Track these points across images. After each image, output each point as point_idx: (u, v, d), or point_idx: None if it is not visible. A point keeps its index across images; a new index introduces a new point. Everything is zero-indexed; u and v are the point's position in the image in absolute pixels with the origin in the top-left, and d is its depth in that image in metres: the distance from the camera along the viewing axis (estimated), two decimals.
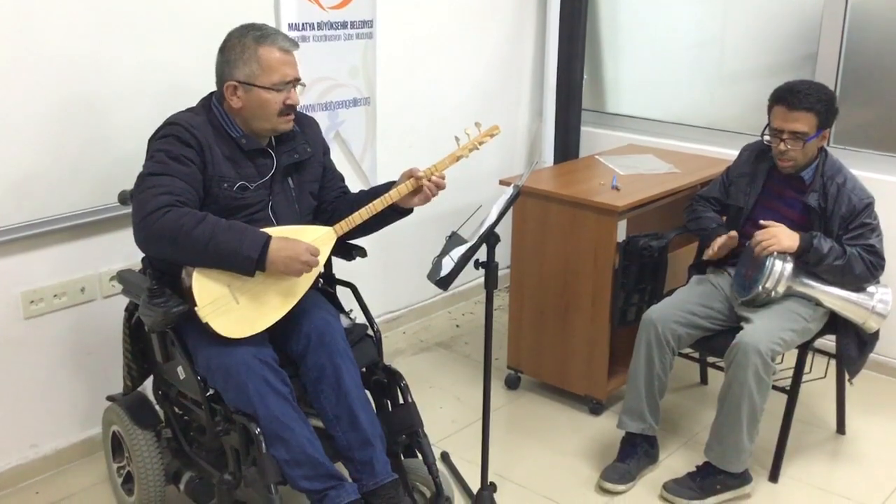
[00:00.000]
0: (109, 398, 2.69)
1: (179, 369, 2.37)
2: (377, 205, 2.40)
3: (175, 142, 2.26)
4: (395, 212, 2.48)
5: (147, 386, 2.63)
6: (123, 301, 2.55)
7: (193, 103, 2.42)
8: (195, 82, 2.52)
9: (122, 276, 2.51)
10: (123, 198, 2.52)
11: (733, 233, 2.92)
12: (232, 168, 2.33)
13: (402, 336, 4.01)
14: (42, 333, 2.80)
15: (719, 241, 2.91)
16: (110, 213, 2.80)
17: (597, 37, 4.38)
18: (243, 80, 2.30)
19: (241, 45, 2.30)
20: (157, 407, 2.63)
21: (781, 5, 3.87)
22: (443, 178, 2.45)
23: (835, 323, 2.87)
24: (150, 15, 2.79)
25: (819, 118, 2.73)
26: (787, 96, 2.75)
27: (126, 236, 2.53)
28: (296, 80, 2.36)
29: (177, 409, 2.57)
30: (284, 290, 2.29)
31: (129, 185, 2.39)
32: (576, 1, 4.10)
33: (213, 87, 2.40)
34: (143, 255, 2.39)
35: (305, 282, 2.33)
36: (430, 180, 2.42)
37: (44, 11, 2.57)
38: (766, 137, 2.83)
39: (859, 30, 3.56)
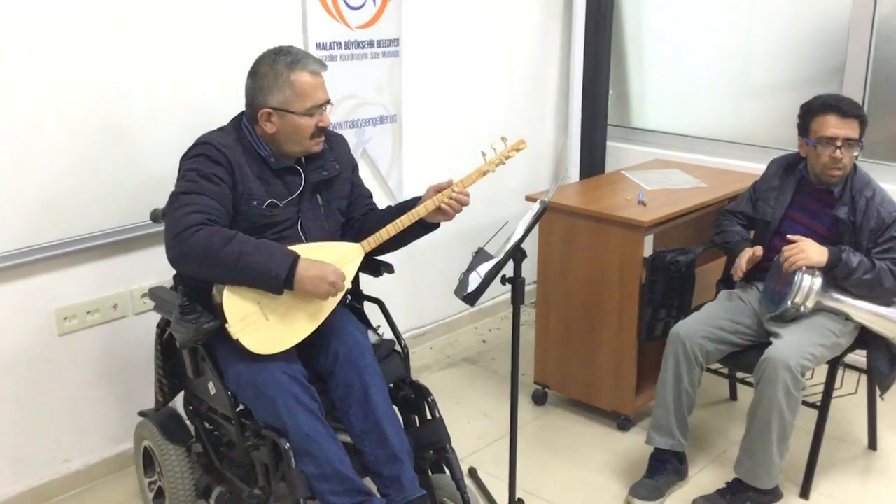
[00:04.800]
0: (141, 413, 2.72)
1: (210, 385, 2.39)
2: (404, 220, 2.41)
3: (206, 161, 2.29)
4: (422, 227, 2.49)
5: (178, 401, 2.66)
6: (155, 317, 2.58)
7: (224, 123, 2.45)
8: (226, 103, 2.55)
9: (154, 293, 2.54)
10: (155, 216, 2.56)
11: (759, 249, 2.90)
12: (261, 186, 2.36)
13: (429, 351, 4.02)
14: (75, 350, 2.84)
15: (745, 258, 2.89)
16: (142, 230, 2.84)
17: (622, 51, 4.39)
18: (277, 107, 2.33)
19: (274, 71, 2.33)
20: (187, 422, 2.65)
21: (807, 18, 3.85)
22: (466, 194, 2.47)
23: (865, 338, 2.84)
24: (182, 37, 2.84)
25: (861, 127, 2.75)
26: (838, 103, 2.75)
27: (157, 253, 2.57)
28: (326, 102, 2.39)
29: (207, 425, 2.59)
30: (313, 308, 2.31)
31: (161, 203, 2.43)
32: (601, 16, 4.12)
33: (243, 108, 2.44)
34: (174, 272, 2.43)
35: (333, 299, 2.34)
36: (451, 197, 2.43)
37: (80, 36, 2.62)
38: (815, 146, 2.76)
39: (887, 42, 3.54)
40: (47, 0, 2.54)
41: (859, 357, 2.92)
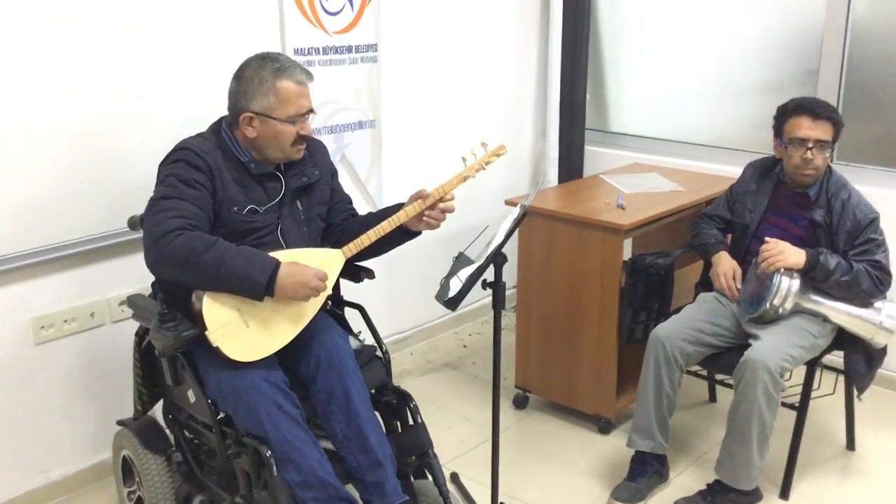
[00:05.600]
0: (120, 423, 2.70)
1: (190, 393, 2.37)
2: (385, 226, 2.41)
3: (185, 166, 2.28)
4: (404, 234, 2.49)
5: (157, 410, 2.64)
6: (133, 326, 2.56)
7: (202, 129, 2.44)
8: (205, 108, 2.53)
9: (132, 301, 2.52)
10: (133, 223, 2.54)
11: (737, 268, 2.96)
12: (241, 192, 2.35)
13: (410, 357, 4.02)
14: (52, 359, 2.81)
15: (730, 278, 2.94)
16: (120, 238, 2.82)
17: (599, 56, 4.41)
18: (260, 112, 2.32)
19: (259, 77, 2.32)
20: (167, 431, 2.64)
21: (782, 21, 3.89)
22: (452, 197, 2.47)
23: (843, 339, 2.87)
24: (159, 44, 2.82)
25: (835, 130, 2.78)
26: (811, 106, 2.79)
27: (135, 261, 2.55)
28: (309, 111, 2.39)
29: (187, 433, 2.57)
30: (293, 314, 2.30)
31: (139, 210, 2.41)
32: (578, 21, 4.14)
33: (223, 113, 2.42)
34: (152, 279, 2.41)
35: (314, 305, 2.34)
36: (434, 208, 2.43)
37: (57, 44, 2.60)
38: (786, 147, 2.82)
39: (861, 45, 3.58)
40: (24, 5, 2.51)
41: (837, 358, 2.95)
